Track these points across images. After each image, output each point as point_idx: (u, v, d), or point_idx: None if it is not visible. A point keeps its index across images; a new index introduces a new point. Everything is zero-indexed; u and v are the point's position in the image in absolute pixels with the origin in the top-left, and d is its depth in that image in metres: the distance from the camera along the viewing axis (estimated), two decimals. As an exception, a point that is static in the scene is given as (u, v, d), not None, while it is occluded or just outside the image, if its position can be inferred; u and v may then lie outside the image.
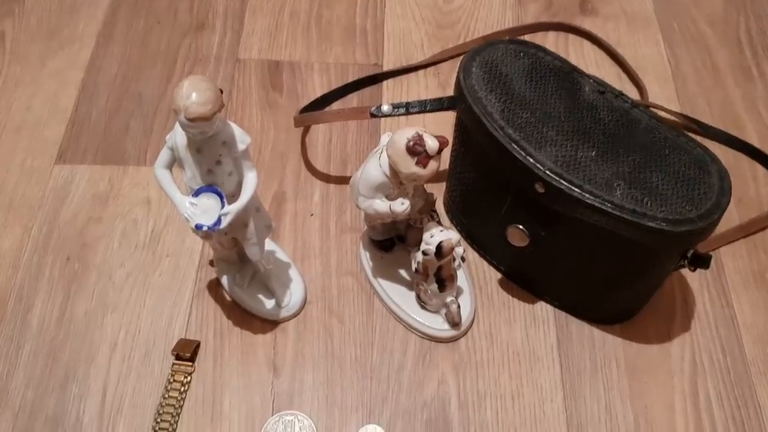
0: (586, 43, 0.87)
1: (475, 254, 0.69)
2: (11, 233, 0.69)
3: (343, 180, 0.73)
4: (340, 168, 0.74)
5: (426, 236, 0.58)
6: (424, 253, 0.58)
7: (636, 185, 0.53)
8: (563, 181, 0.53)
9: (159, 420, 0.59)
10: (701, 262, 0.57)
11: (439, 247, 0.57)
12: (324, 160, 0.75)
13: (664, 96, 0.81)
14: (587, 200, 0.53)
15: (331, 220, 0.71)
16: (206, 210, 0.52)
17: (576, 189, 0.53)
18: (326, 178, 0.73)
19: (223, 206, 0.52)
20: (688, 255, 0.57)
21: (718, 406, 0.61)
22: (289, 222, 0.70)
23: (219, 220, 0.52)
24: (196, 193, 0.52)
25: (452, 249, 0.57)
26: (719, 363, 0.63)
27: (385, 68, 0.82)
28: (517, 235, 0.59)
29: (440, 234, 0.57)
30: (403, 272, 0.66)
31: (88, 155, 0.74)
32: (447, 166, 0.69)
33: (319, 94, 0.78)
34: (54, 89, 0.80)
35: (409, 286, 0.65)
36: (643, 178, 0.54)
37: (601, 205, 0.53)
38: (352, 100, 0.79)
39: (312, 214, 0.71)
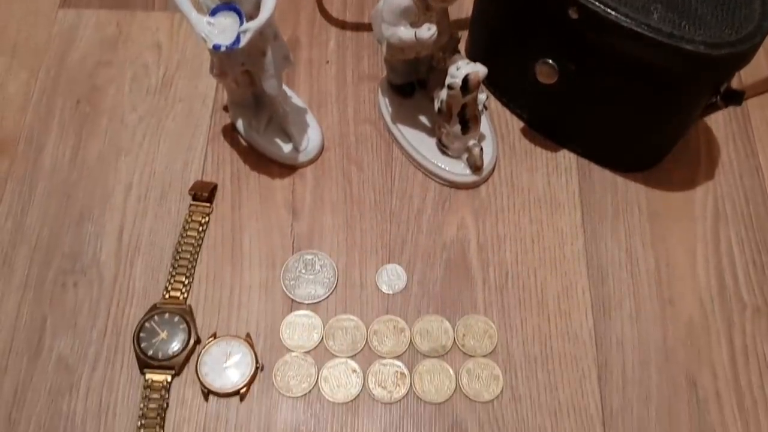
0: None
1: (498, 103, 0.67)
2: (17, 77, 0.66)
3: (360, 27, 0.70)
4: (356, 14, 0.71)
5: (452, 69, 0.56)
6: (450, 87, 0.56)
7: (674, 9, 0.51)
8: (598, 4, 0.51)
9: (178, 258, 0.58)
10: (734, 97, 0.55)
11: (465, 80, 0.55)
12: (339, 5, 0.71)
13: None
14: (622, 23, 0.50)
15: (347, 68, 0.68)
16: (224, 30, 0.50)
17: (611, 12, 0.51)
18: (342, 25, 0.70)
19: (241, 24, 0.49)
20: (721, 90, 0.55)
21: (739, 251, 0.61)
22: (303, 69, 0.68)
23: (238, 39, 0.50)
24: (213, 12, 0.50)
25: (479, 83, 0.55)
26: (742, 210, 0.62)
27: None
28: (546, 72, 0.57)
29: (467, 66, 0.55)
30: (423, 119, 0.65)
31: (94, -1, 0.71)
32: (469, 14, 0.66)
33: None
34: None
35: (430, 132, 0.64)
36: (681, 2, 0.51)
37: (637, 28, 0.50)
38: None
39: (328, 62, 0.68)
